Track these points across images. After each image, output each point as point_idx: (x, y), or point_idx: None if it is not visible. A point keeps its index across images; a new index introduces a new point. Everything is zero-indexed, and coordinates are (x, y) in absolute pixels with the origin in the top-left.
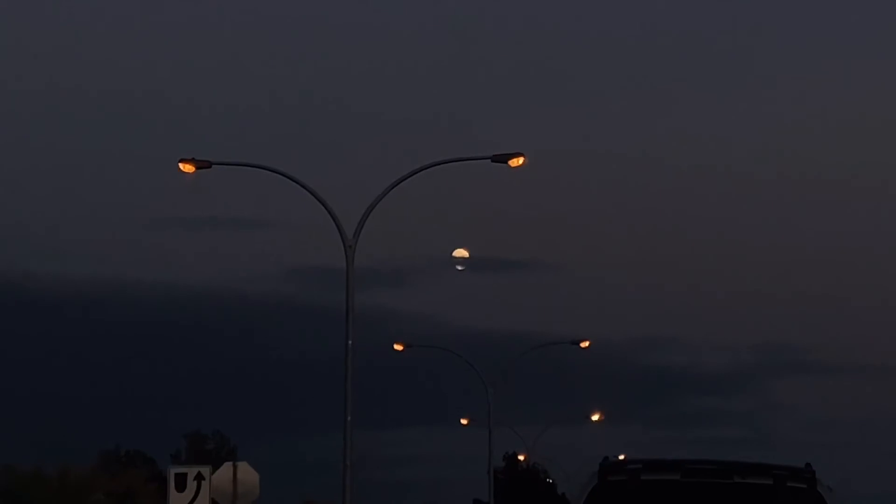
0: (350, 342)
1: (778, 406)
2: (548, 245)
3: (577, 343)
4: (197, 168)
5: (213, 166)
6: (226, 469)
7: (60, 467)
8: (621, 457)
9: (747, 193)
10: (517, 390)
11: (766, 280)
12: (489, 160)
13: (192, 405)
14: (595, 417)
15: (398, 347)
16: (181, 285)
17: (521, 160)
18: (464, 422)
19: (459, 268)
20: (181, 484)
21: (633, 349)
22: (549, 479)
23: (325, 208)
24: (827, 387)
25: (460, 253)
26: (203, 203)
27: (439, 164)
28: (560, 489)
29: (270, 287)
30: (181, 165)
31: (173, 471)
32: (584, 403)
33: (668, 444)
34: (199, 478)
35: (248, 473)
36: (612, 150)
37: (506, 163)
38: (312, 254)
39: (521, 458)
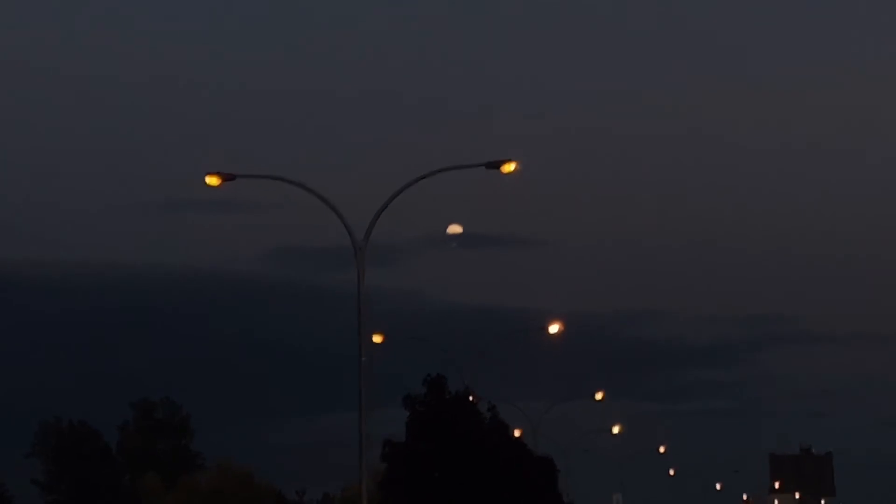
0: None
1: (767, 376)
2: (534, 221)
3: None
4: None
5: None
6: None
7: None
8: None
9: (736, 168)
10: (504, 367)
11: (754, 251)
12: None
13: (145, 379)
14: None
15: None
16: (169, 267)
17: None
18: None
19: (454, 245)
20: None
21: (620, 322)
22: (499, 416)
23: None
24: (815, 356)
25: (454, 229)
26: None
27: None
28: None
29: (254, 268)
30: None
31: None
32: (577, 378)
33: (661, 417)
34: None
35: None
36: (598, 125)
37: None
38: (296, 236)
39: (472, 397)
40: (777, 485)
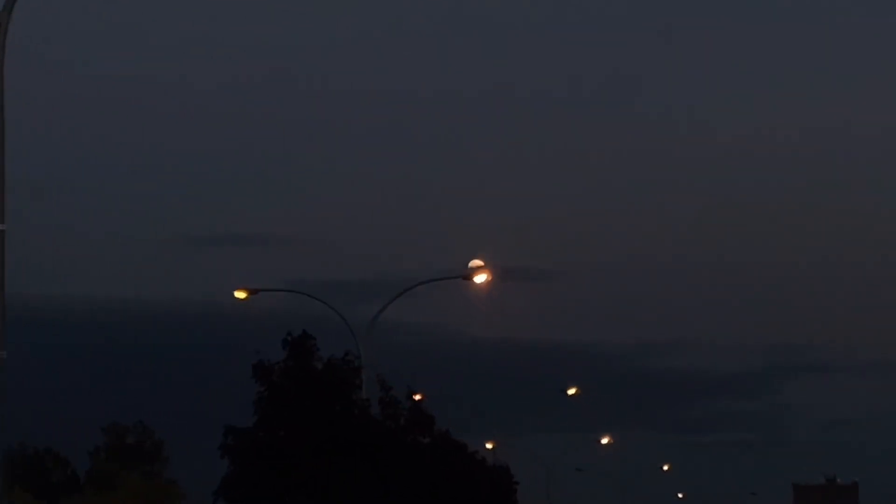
0: None
1: (789, 407)
2: (552, 252)
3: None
4: None
5: None
6: None
7: None
8: None
9: (754, 201)
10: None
11: (774, 281)
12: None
13: (117, 403)
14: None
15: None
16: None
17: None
18: None
19: (475, 278)
20: None
21: (642, 354)
22: (424, 409)
23: None
24: (840, 385)
25: (475, 263)
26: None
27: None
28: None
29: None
30: None
31: None
32: (591, 410)
33: (685, 449)
34: None
35: None
36: (608, 155)
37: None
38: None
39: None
40: None
